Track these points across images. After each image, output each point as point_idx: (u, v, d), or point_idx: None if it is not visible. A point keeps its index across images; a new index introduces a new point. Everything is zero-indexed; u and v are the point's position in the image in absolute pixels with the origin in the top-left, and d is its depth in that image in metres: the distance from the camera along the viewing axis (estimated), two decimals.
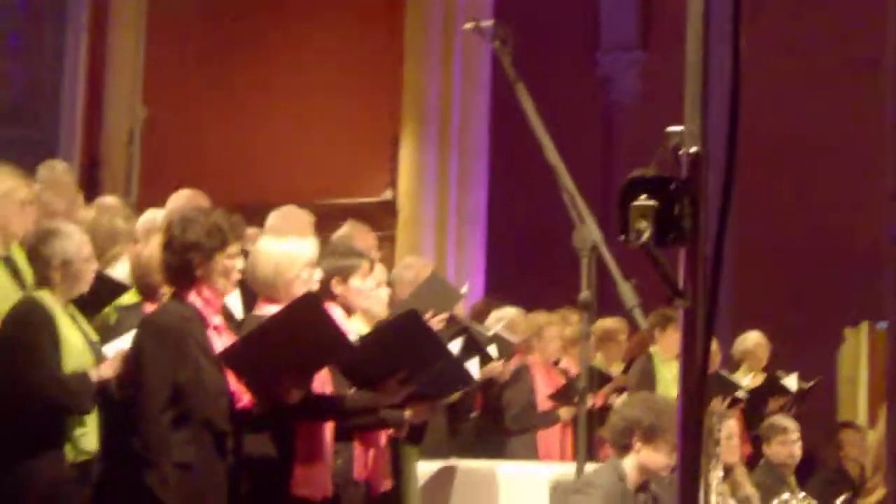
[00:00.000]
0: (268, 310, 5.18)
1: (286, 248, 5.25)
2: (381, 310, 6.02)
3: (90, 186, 12.99)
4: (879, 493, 9.15)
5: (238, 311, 5.69)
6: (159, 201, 7.92)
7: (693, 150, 2.86)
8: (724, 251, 2.86)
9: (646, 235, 2.79)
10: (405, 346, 5.18)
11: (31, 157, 12.08)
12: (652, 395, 6.64)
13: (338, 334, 4.89)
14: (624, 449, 5.68)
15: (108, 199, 8.69)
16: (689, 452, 2.87)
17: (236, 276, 4.90)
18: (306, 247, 5.29)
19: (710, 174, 2.84)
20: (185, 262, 4.79)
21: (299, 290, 5.17)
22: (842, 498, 7.01)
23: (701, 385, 2.88)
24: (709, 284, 2.85)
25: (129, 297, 5.61)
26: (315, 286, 5.26)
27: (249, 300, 5.55)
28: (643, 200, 2.82)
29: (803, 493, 7.59)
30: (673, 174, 2.86)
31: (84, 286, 5.07)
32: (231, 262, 4.84)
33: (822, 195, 13.63)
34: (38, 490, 4.86)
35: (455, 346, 5.52)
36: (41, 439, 4.89)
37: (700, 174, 2.85)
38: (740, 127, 2.78)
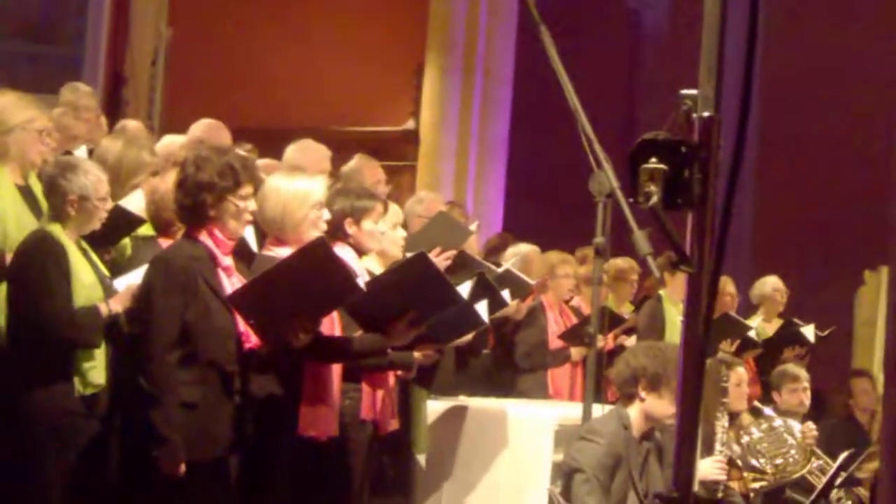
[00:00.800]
0: (276, 251, 5.19)
1: (295, 187, 5.24)
2: (397, 251, 6.04)
3: (114, 105, 13.03)
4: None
5: (254, 244, 5.70)
6: (182, 122, 7.94)
7: (706, 114, 2.84)
8: (731, 218, 2.85)
9: (654, 198, 2.78)
10: (415, 289, 5.17)
11: (57, 75, 12.14)
12: (657, 343, 6.65)
13: (347, 279, 4.89)
14: (629, 397, 5.71)
15: (131, 124, 8.70)
16: (688, 418, 2.90)
17: (248, 217, 4.90)
18: (315, 186, 5.28)
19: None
20: (197, 202, 4.79)
21: (307, 231, 5.19)
22: (844, 455, 7.02)
23: (703, 350, 2.90)
24: (714, 251, 2.85)
25: (145, 229, 5.63)
26: (323, 227, 5.26)
27: (262, 236, 5.56)
28: (653, 163, 2.81)
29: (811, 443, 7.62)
30: (684, 138, 2.86)
31: (96, 223, 5.08)
32: (243, 204, 4.83)
33: (845, 134, 13.51)
34: (48, 421, 4.88)
35: (465, 288, 5.52)
36: (51, 371, 4.91)
37: (712, 139, 2.83)
38: (754, 92, 2.76)
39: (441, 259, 6.69)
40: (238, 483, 4.97)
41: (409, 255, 6.80)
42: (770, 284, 10.27)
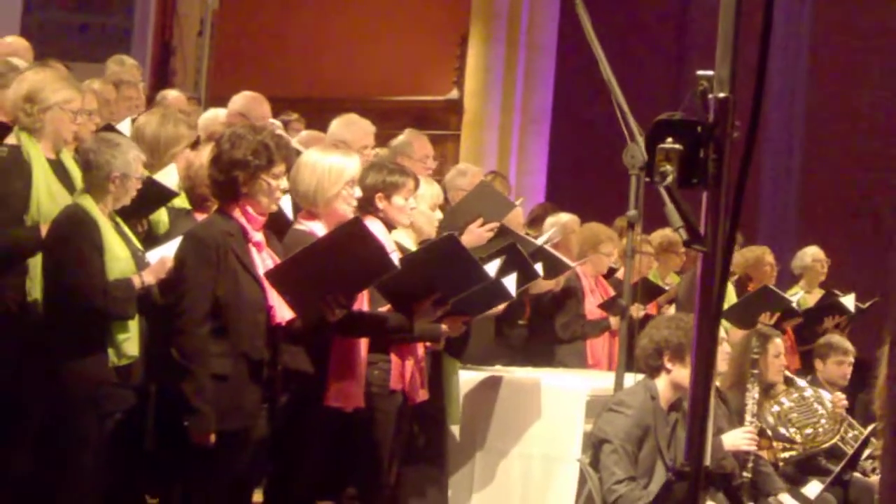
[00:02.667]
0: (307, 224, 5.29)
1: (330, 163, 5.32)
2: (431, 230, 6.11)
3: (162, 76, 13.16)
4: None
5: (290, 213, 5.78)
6: (228, 92, 8.03)
7: (721, 95, 2.87)
8: (743, 198, 2.88)
9: (669, 178, 2.82)
10: (443, 269, 5.25)
11: (106, 45, 12.28)
12: (678, 315, 6.71)
13: (382, 257, 4.97)
14: (655, 370, 5.77)
15: (171, 95, 8.81)
16: (701, 393, 2.95)
17: (279, 195, 4.98)
18: (350, 164, 5.36)
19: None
20: (230, 179, 4.88)
21: (339, 207, 5.28)
22: (873, 426, 7.04)
23: (716, 327, 2.94)
24: (727, 231, 2.89)
25: (181, 202, 5.73)
26: (354, 203, 5.34)
27: (298, 208, 5.64)
28: (669, 143, 2.85)
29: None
30: (700, 118, 2.89)
31: (127, 200, 5.19)
32: (275, 182, 4.92)
33: (892, 104, 13.38)
34: (85, 390, 4.99)
35: (495, 265, 5.57)
36: (86, 343, 5.01)
37: (727, 120, 2.86)
38: (769, 73, 2.79)
39: (484, 230, 6.74)
40: (268, 452, 5.09)
41: (446, 229, 6.87)
42: (811, 255, 10.25)
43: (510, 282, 5.68)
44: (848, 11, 13.33)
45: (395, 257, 5.19)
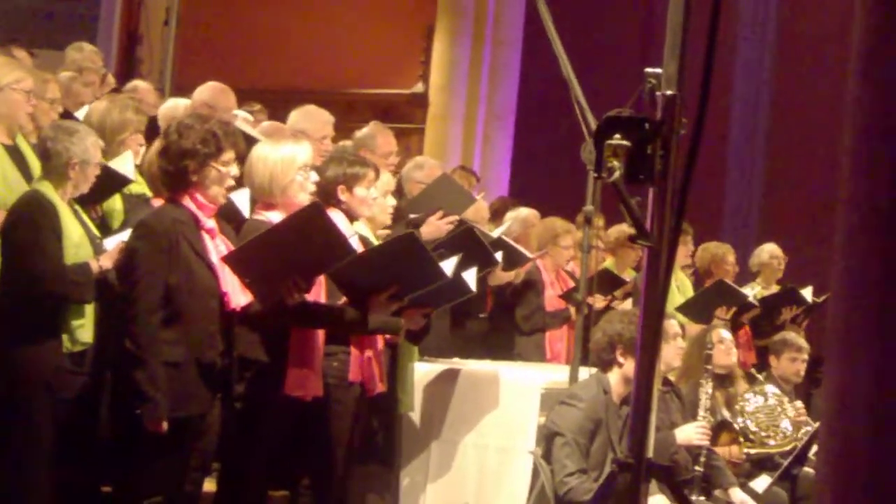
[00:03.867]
0: (265, 214, 5.31)
1: (281, 153, 5.35)
2: (385, 218, 6.14)
3: (128, 64, 13.12)
4: None
5: (246, 210, 5.81)
6: (193, 82, 8.02)
7: (668, 92, 2.91)
8: (688, 193, 2.92)
9: (617, 174, 2.87)
10: (400, 266, 5.26)
11: (72, 32, 12.23)
12: (632, 309, 6.77)
13: (341, 241, 5.01)
14: (608, 364, 5.82)
15: (141, 85, 8.81)
16: (644, 386, 2.99)
17: (230, 182, 5.01)
18: (300, 151, 5.39)
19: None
20: (180, 168, 4.90)
21: (295, 194, 5.31)
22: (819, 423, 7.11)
23: (660, 322, 2.98)
24: (672, 226, 2.92)
25: (138, 188, 5.76)
26: (310, 188, 5.37)
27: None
28: (617, 139, 2.89)
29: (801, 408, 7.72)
30: (648, 115, 2.93)
31: (86, 188, 5.20)
32: (225, 170, 4.95)
33: None
34: (38, 375, 5.01)
35: (454, 261, 5.58)
36: (40, 329, 5.03)
37: (674, 117, 2.90)
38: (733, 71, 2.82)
39: (443, 223, 6.76)
40: (223, 440, 5.10)
41: (412, 215, 6.89)
42: (767, 252, 10.30)
43: (470, 276, 5.72)
44: (811, 10, 13.42)
45: (355, 241, 5.23)
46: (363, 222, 5.96)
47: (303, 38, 12.86)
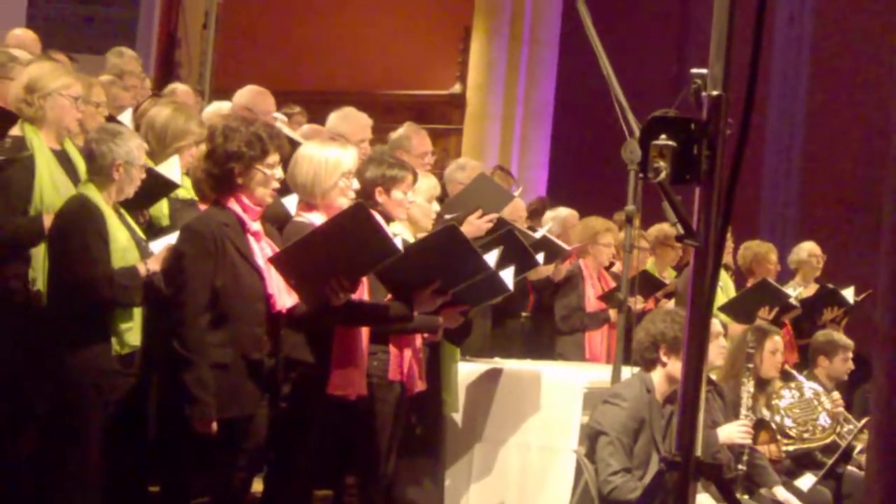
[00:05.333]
0: (306, 216, 5.36)
1: (326, 155, 5.38)
2: (427, 223, 6.17)
3: (167, 67, 13.19)
4: None
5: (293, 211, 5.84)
6: (232, 85, 8.08)
7: (714, 92, 2.92)
8: (735, 193, 2.93)
9: (663, 174, 2.88)
10: (443, 259, 5.29)
11: (111, 36, 12.33)
12: (675, 308, 6.77)
13: (385, 241, 5.03)
14: (651, 363, 5.83)
15: (180, 88, 8.85)
16: (691, 385, 3.01)
17: (275, 184, 5.04)
18: (346, 156, 5.42)
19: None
20: (226, 171, 4.94)
21: (336, 198, 5.35)
22: (865, 420, 7.11)
23: (707, 321, 3.00)
24: (719, 227, 2.94)
25: (185, 192, 5.80)
26: (351, 195, 5.40)
27: None
28: (663, 140, 2.91)
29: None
30: (694, 116, 2.94)
31: (132, 191, 5.25)
32: (270, 172, 4.98)
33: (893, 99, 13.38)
34: (89, 378, 5.06)
35: (494, 255, 5.61)
36: (89, 333, 5.08)
37: (720, 117, 2.92)
38: (770, 72, 2.84)
39: (482, 222, 6.78)
40: (270, 440, 5.15)
41: (446, 216, 6.92)
42: (806, 250, 10.28)
43: (508, 275, 5.74)
44: (849, 11, 13.35)
45: (399, 241, 5.26)
46: (404, 226, 5.99)
47: (340, 41, 12.90)
